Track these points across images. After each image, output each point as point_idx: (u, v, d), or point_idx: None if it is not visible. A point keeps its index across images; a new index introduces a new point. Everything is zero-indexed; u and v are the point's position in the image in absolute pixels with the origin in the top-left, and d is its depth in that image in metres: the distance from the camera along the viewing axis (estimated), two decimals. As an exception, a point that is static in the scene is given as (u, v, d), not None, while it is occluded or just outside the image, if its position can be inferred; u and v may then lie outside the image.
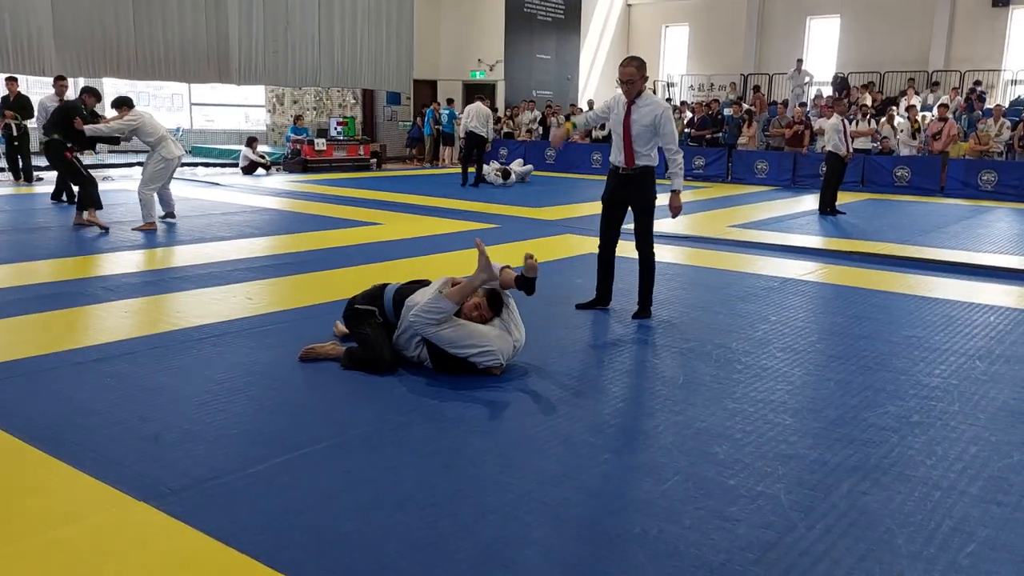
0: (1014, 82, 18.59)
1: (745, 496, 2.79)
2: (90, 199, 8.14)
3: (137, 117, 8.35)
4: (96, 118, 8.65)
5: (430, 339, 3.93)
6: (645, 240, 5.21)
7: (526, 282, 4.16)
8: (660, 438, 3.30)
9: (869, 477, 2.96)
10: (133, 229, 8.23)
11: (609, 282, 5.43)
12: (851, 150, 11.30)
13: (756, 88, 19.76)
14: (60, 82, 10.59)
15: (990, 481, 2.95)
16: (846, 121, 11.22)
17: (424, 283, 4.27)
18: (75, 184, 8.20)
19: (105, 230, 8.06)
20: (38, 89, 15.51)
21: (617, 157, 5.16)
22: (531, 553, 2.41)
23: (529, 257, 4.13)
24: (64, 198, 10.04)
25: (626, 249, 5.37)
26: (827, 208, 10.86)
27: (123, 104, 8.39)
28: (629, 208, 5.26)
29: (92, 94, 8.76)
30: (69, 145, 8.22)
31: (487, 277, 4.04)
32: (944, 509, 2.73)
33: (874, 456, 3.15)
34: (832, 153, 10.97)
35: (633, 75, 4.99)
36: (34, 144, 12.61)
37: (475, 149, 13.82)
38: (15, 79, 12.36)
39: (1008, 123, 14.30)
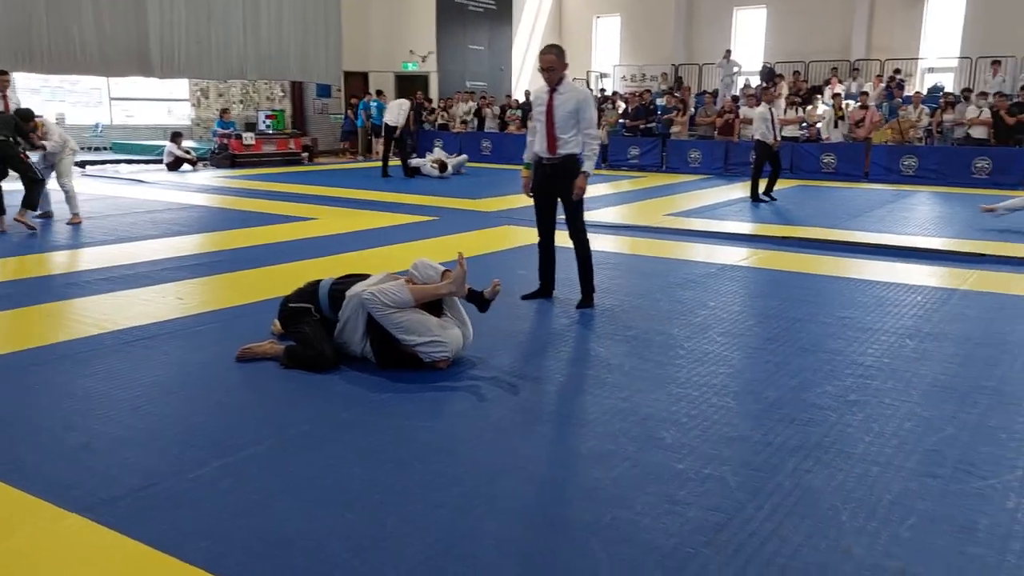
0: (931, 70, 19.31)
1: (694, 479, 2.81)
2: (31, 199, 8.04)
3: (52, 125, 8.59)
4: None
5: (379, 320, 3.83)
6: (577, 229, 5.21)
7: (480, 300, 4.18)
8: (607, 425, 3.31)
9: (811, 456, 3.02)
10: (68, 223, 8.36)
11: (551, 271, 5.44)
12: (779, 138, 11.55)
13: (679, 80, 20.07)
14: (3, 77, 10.11)
15: (925, 455, 3.04)
16: (774, 110, 11.46)
17: (361, 277, 4.18)
18: (25, 180, 8.07)
19: (33, 230, 7.93)
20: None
21: (540, 146, 5.14)
22: (485, 546, 2.38)
23: (496, 283, 4.20)
24: None
25: (566, 239, 5.37)
26: (758, 195, 11.09)
27: (31, 118, 8.37)
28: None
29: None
30: (22, 147, 8.23)
31: (455, 291, 4.00)
32: (883, 484, 2.80)
33: (814, 435, 3.21)
34: (760, 141, 11.20)
35: (553, 62, 5.00)
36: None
37: (391, 142, 13.93)
38: None
39: (927, 109, 14.83)
